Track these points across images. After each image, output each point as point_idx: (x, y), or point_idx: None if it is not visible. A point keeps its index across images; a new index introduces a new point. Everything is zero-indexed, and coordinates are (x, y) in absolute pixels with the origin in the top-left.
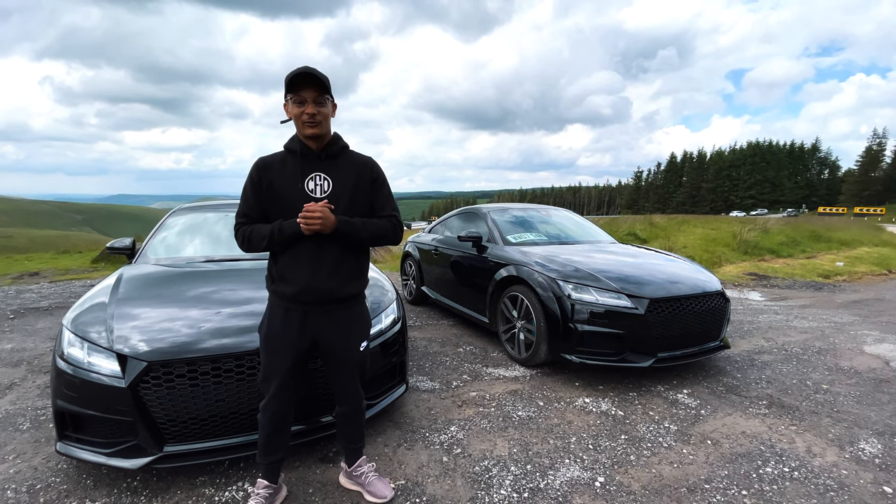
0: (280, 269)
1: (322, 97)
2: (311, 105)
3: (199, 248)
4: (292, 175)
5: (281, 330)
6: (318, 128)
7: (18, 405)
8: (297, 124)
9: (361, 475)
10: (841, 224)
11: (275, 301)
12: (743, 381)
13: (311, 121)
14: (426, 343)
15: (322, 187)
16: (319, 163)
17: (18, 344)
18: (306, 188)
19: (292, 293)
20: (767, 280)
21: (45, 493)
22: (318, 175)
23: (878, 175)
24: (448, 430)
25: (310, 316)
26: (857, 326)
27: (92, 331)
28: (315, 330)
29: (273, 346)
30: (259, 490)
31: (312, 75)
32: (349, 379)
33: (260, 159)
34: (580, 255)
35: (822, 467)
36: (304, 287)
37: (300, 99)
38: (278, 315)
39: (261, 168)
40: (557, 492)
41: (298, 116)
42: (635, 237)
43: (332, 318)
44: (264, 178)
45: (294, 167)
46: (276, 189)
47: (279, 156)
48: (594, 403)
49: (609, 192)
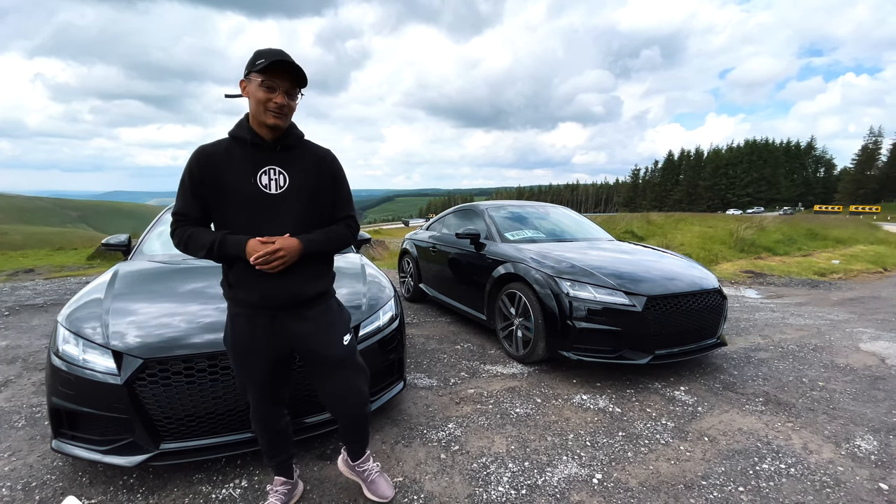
0: (236, 273)
1: (294, 90)
2: (282, 96)
3: None
4: (242, 168)
5: (248, 339)
6: (281, 119)
7: (13, 402)
8: (257, 109)
9: (364, 471)
10: (837, 222)
11: (235, 308)
12: (740, 378)
13: (278, 111)
14: (424, 340)
15: (277, 182)
16: (274, 154)
17: (13, 341)
18: (259, 183)
19: (254, 300)
20: (764, 278)
21: (41, 491)
22: (272, 168)
23: (873, 173)
24: (446, 428)
25: (278, 320)
26: (853, 324)
27: (87, 327)
28: (287, 334)
29: (242, 357)
30: (277, 487)
31: (294, 67)
32: (344, 380)
33: (200, 149)
34: (578, 252)
35: (818, 464)
36: (264, 293)
37: (271, 85)
38: (241, 323)
39: (202, 159)
40: (555, 488)
41: (263, 102)
42: (633, 235)
43: (304, 318)
44: (207, 171)
45: (244, 159)
46: (222, 184)
47: (223, 144)
48: (592, 400)
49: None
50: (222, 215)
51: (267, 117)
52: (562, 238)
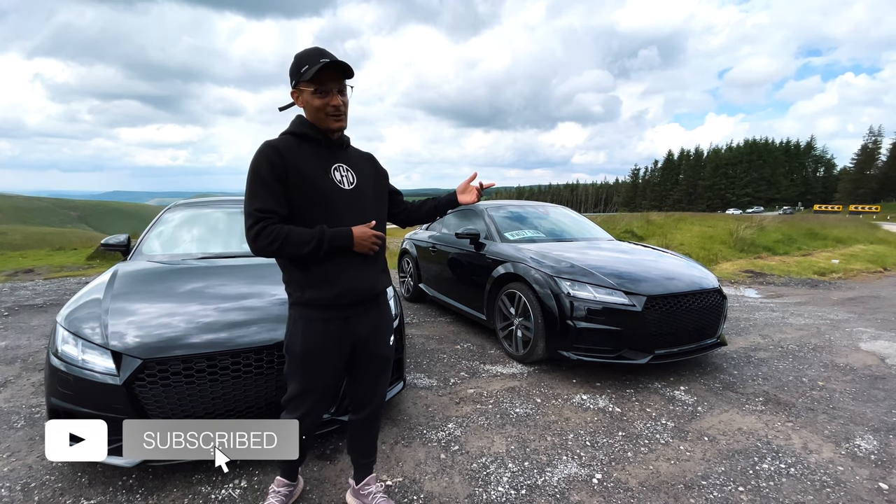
0: (316, 272)
1: (345, 86)
2: (337, 97)
3: (195, 245)
4: (317, 164)
5: (322, 345)
6: (342, 120)
7: (13, 403)
8: (318, 116)
9: (369, 495)
10: (836, 222)
11: (307, 312)
12: (739, 377)
13: (337, 114)
14: (424, 340)
15: (347, 179)
16: (339, 152)
17: (13, 341)
18: (333, 179)
19: (331, 297)
20: (764, 277)
21: (40, 492)
22: (341, 165)
23: (873, 173)
24: (446, 428)
25: (349, 322)
26: (853, 324)
27: (86, 328)
28: (355, 336)
29: (311, 364)
30: (279, 488)
31: (340, 64)
32: (379, 378)
33: (271, 144)
34: (577, 251)
35: (818, 464)
36: (348, 288)
37: (325, 90)
38: (316, 329)
39: (281, 152)
40: (555, 489)
41: (321, 109)
42: (632, 234)
43: (368, 316)
44: (289, 166)
45: (317, 156)
46: (304, 177)
47: (291, 141)
48: (591, 400)
49: (606, 189)
50: (306, 211)
51: (330, 122)
52: (561, 238)
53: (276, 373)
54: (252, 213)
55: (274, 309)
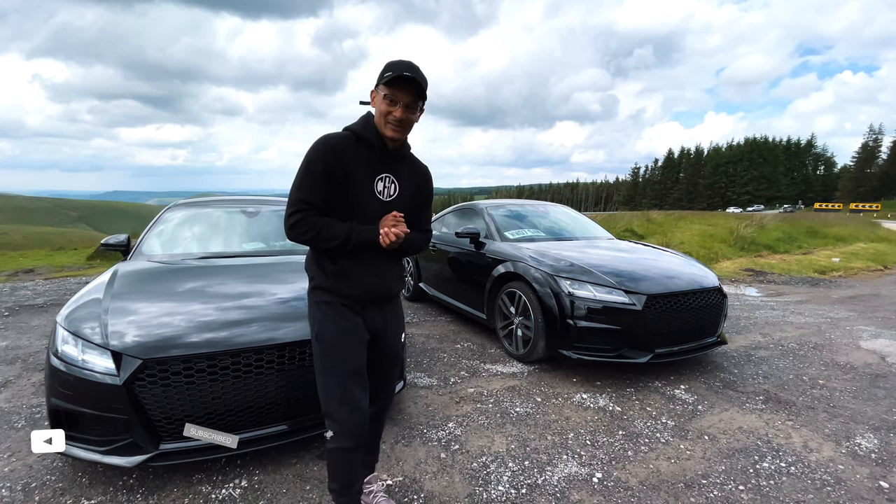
0: (341, 267)
1: (415, 103)
2: (401, 110)
3: (195, 245)
4: (365, 169)
5: (349, 327)
6: (399, 133)
7: (13, 403)
8: (380, 120)
9: (370, 494)
10: (837, 220)
11: (331, 299)
12: (740, 376)
13: (397, 125)
14: (424, 339)
15: (389, 190)
16: (391, 162)
17: (13, 341)
18: (375, 188)
19: (356, 292)
20: (764, 276)
21: (41, 492)
22: (387, 176)
23: (873, 171)
24: (446, 427)
25: (366, 312)
26: (853, 322)
27: (86, 328)
28: (373, 326)
29: (344, 346)
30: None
31: (416, 81)
32: (391, 372)
33: (329, 141)
34: (577, 250)
35: (818, 462)
36: (370, 286)
37: (394, 98)
38: (341, 313)
39: (338, 153)
40: (555, 488)
41: (384, 114)
42: (633, 233)
43: (384, 311)
44: (340, 167)
45: (368, 161)
46: (347, 179)
47: (349, 141)
48: (592, 399)
49: (606, 188)
50: (341, 210)
51: (386, 129)
52: (561, 236)
53: (276, 373)
54: (295, 202)
55: (274, 308)
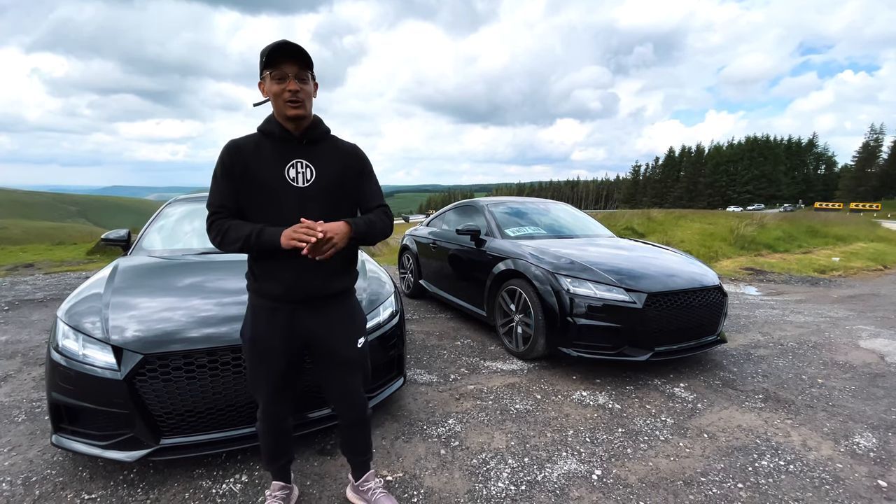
0: (263, 266)
1: (304, 73)
2: (293, 81)
3: (195, 240)
4: (270, 160)
5: (268, 332)
6: (300, 108)
7: (13, 397)
8: (277, 104)
9: (368, 491)
10: (837, 220)
11: (258, 301)
12: (739, 375)
13: (293, 99)
14: (424, 336)
15: (304, 175)
16: (300, 148)
17: (13, 336)
18: (287, 176)
19: (278, 292)
20: (764, 275)
21: (41, 486)
22: (299, 162)
23: (874, 171)
24: (446, 423)
25: (298, 314)
26: (853, 321)
27: (87, 322)
28: (305, 329)
29: (261, 351)
30: (275, 493)
31: (295, 48)
32: (349, 382)
33: (231, 142)
34: (577, 248)
35: (817, 461)
36: (291, 285)
37: (281, 74)
38: (263, 316)
39: (233, 151)
40: (555, 485)
41: (279, 95)
42: (633, 231)
43: (323, 314)
44: (238, 162)
45: (272, 152)
46: (251, 176)
47: (253, 138)
48: (591, 397)
49: (607, 186)
50: (252, 208)
51: (287, 109)
52: (561, 234)
53: None
54: (208, 206)
55: None
